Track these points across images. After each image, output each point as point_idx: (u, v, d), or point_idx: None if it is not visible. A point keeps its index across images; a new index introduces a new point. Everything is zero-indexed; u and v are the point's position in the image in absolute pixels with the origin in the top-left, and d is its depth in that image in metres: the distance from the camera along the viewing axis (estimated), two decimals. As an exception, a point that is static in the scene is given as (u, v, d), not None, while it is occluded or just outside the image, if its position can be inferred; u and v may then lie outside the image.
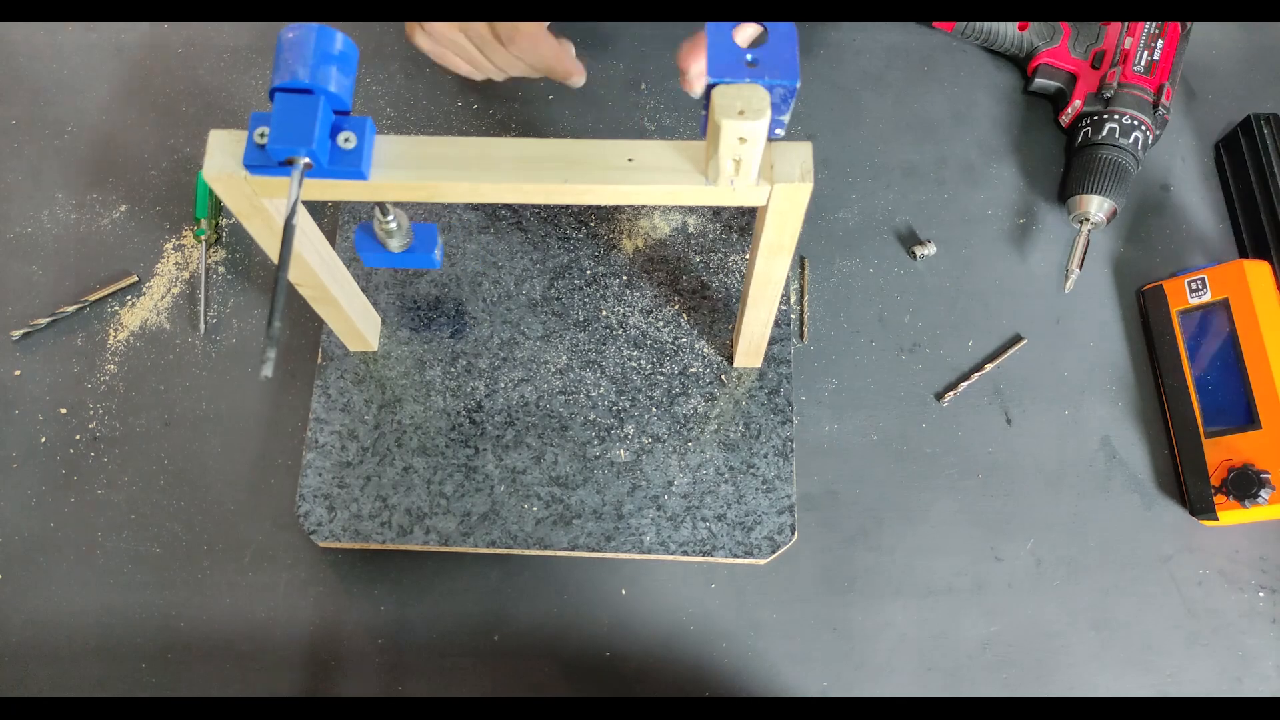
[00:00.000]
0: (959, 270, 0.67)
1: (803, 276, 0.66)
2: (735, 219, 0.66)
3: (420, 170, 0.41)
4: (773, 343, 0.61)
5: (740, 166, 0.40)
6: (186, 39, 0.72)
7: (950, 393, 0.64)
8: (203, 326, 0.63)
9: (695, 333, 0.62)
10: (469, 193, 0.42)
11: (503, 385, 0.61)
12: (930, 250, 0.67)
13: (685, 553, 0.57)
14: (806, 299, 0.66)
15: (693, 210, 0.66)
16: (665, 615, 0.58)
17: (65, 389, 0.62)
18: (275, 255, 0.47)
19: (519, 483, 0.58)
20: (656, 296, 0.63)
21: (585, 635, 0.58)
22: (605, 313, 0.63)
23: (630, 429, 0.60)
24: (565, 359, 0.61)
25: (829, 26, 0.75)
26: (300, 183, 0.39)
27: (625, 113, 0.70)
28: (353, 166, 0.40)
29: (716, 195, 0.42)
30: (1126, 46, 0.68)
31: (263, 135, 0.39)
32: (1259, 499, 0.56)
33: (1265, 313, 0.60)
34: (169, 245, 0.66)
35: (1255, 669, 0.59)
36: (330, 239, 0.65)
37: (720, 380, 0.61)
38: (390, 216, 0.51)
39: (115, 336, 0.63)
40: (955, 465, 0.62)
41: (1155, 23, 0.69)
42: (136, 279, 0.64)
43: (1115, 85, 0.67)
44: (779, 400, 0.61)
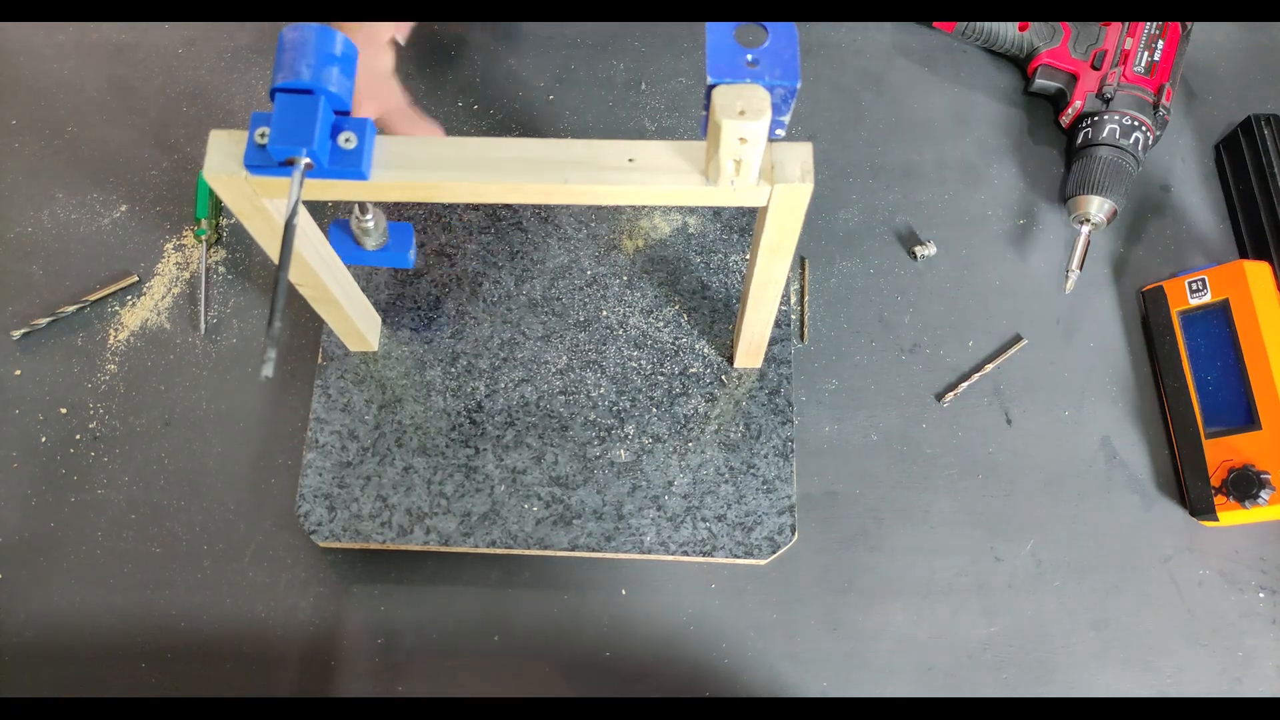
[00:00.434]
0: (959, 271, 0.67)
1: (803, 277, 0.66)
2: (736, 219, 0.66)
3: (420, 171, 0.41)
4: (773, 343, 0.61)
5: (741, 167, 0.40)
6: (186, 39, 0.72)
7: (950, 393, 0.64)
8: (203, 326, 0.63)
9: (695, 333, 0.62)
10: (469, 193, 0.42)
11: (503, 385, 0.61)
12: (930, 251, 0.67)
13: (685, 553, 0.57)
14: (806, 299, 0.66)
15: (693, 211, 0.66)
16: (665, 615, 0.58)
17: (65, 389, 0.62)
18: (275, 255, 0.47)
19: (519, 483, 0.58)
20: (657, 297, 0.63)
21: (585, 635, 0.58)
22: (605, 313, 0.63)
23: (630, 429, 0.60)
24: (565, 359, 0.61)
25: (829, 26, 0.75)
26: (301, 183, 0.39)
27: (625, 113, 0.70)
28: (353, 167, 0.40)
29: (717, 195, 0.42)
30: (1127, 47, 0.68)
31: (263, 135, 0.39)
32: (1259, 499, 0.56)
33: (1265, 313, 0.60)
34: (169, 245, 0.66)
35: (1255, 669, 0.59)
36: None
37: (720, 380, 0.61)
38: (369, 215, 0.50)
39: (115, 336, 0.63)
40: (955, 465, 0.62)
41: (1155, 23, 0.69)
42: (137, 279, 0.64)
43: (1115, 86, 0.67)
44: (779, 400, 0.61)
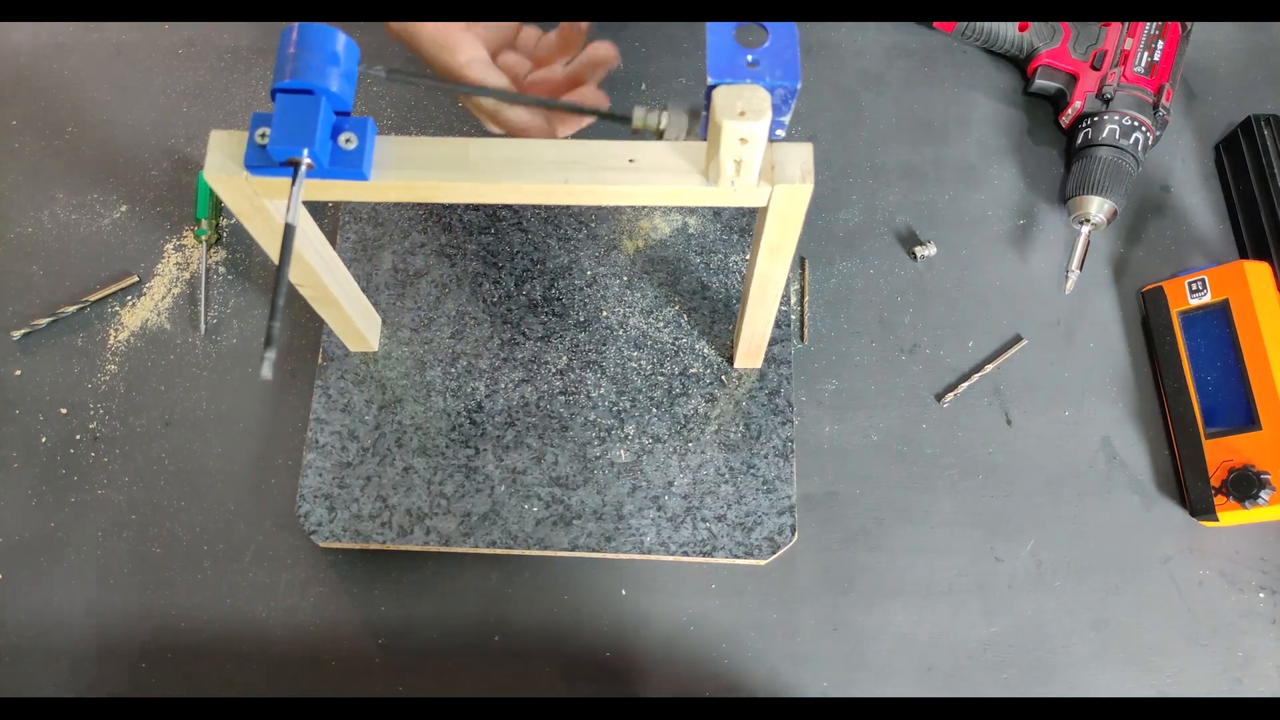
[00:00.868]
0: (959, 271, 0.67)
1: (803, 277, 0.66)
2: (736, 219, 0.66)
3: (421, 171, 0.41)
4: (773, 343, 0.61)
5: (741, 167, 0.40)
6: (186, 39, 0.72)
7: (950, 393, 0.64)
8: (203, 327, 0.63)
9: (695, 333, 0.62)
10: (470, 193, 0.42)
11: (503, 386, 0.61)
12: (930, 251, 0.67)
13: (685, 553, 0.57)
14: (806, 299, 0.66)
15: (693, 211, 0.66)
16: (665, 615, 0.58)
17: (65, 389, 0.62)
18: (276, 255, 0.47)
19: (519, 483, 0.58)
20: (657, 297, 0.63)
21: (585, 635, 0.58)
22: (606, 313, 0.63)
23: (630, 429, 0.60)
24: (566, 359, 0.62)
25: (829, 26, 0.75)
26: (301, 183, 0.39)
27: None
28: (354, 167, 0.40)
29: (717, 196, 0.42)
30: (1126, 47, 0.68)
31: (264, 135, 0.39)
32: (1259, 500, 0.56)
33: (1265, 314, 0.60)
34: (169, 245, 0.66)
35: (1255, 669, 0.59)
36: (331, 239, 0.65)
37: (720, 381, 0.61)
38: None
39: (116, 336, 0.63)
40: (955, 466, 0.62)
41: (1155, 23, 0.69)
42: (137, 279, 0.64)
43: (1115, 86, 0.67)
44: (779, 401, 0.61)
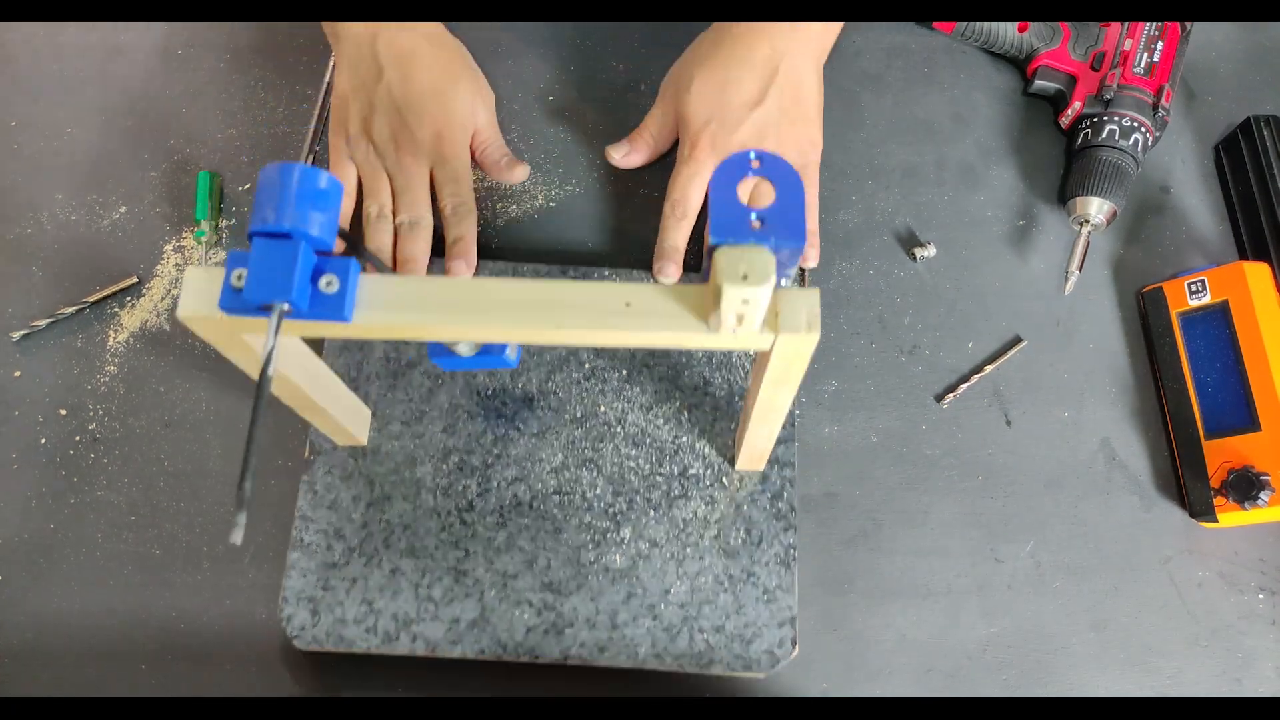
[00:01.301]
0: (959, 272, 0.67)
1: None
2: None
3: (407, 313, 0.39)
4: (776, 444, 0.59)
5: (744, 320, 0.38)
6: (186, 39, 0.72)
7: (950, 394, 0.64)
8: (203, 327, 0.63)
9: (696, 431, 0.60)
10: (458, 334, 0.40)
11: (495, 484, 0.59)
12: (930, 252, 0.67)
13: (681, 666, 0.54)
14: (806, 300, 0.66)
15: None
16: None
17: (65, 390, 0.62)
18: (257, 375, 0.43)
19: (510, 588, 0.56)
20: (657, 392, 0.61)
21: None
22: (603, 408, 0.61)
23: (627, 533, 0.58)
24: (561, 457, 0.59)
25: (829, 27, 0.74)
26: (278, 332, 0.36)
27: (625, 113, 0.70)
28: (334, 311, 0.38)
29: (718, 341, 0.40)
30: (1126, 48, 0.68)
31: (240, 278, 0.37)
32: (1259, 501, 0.56)
33: (1265, 315, 0.60)
34: (169, 246, 0.66)
35: (1255, 670, 0.59)
36: (317, 347, 0.62)
37: (721, 482, 0.59)
38: None
39: (115, 338, 0.63)
40: (955, 467, 0.62)
41: (1155, 24, 0.69)
42: (136, 280, 0.64)
43: (1115, 87, 0.67)
44: (781, 505, 0.58)
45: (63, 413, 0.61)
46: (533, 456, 0.59)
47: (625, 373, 0.62)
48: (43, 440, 0.60)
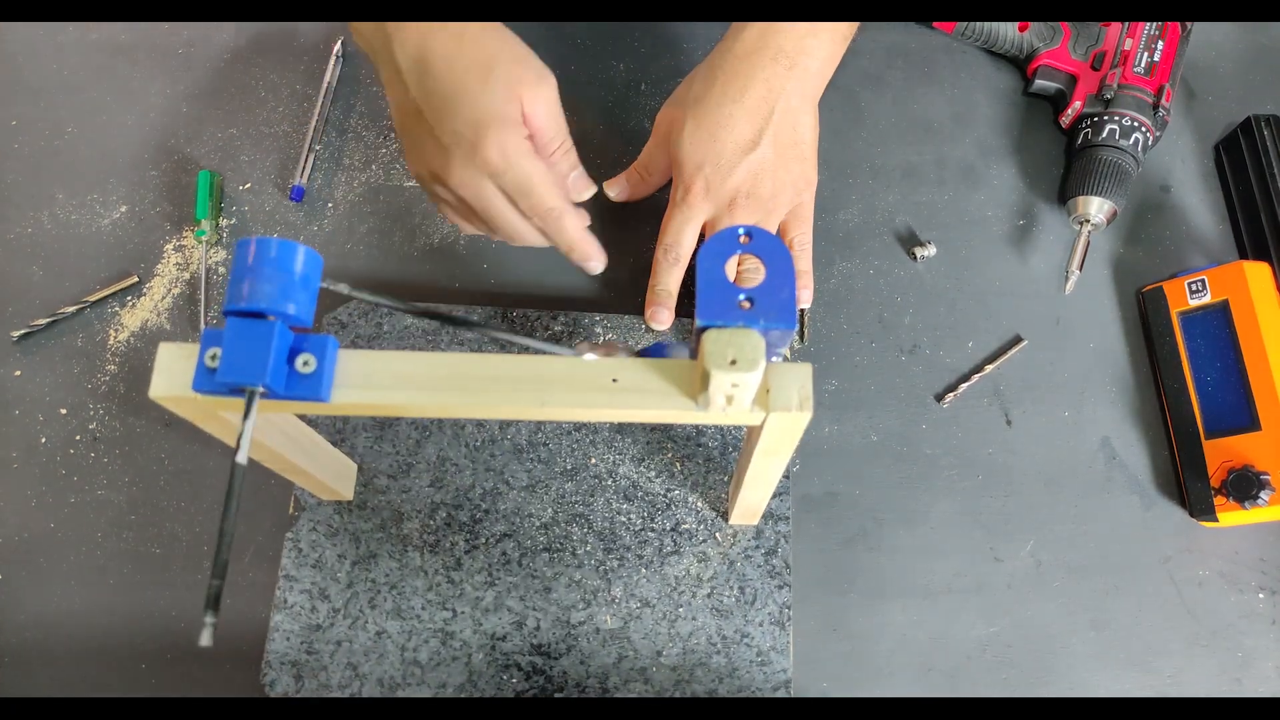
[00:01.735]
0: (959, 271, 0.67)
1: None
2: None
3: (386, 391, 0.38)
4: (770, 499, 0.57)
5: (733, 400, 0.37)
6: (186, 39, 0.72)
7: (950, 394, 0.64)
8: (203, 327, 0.63)
9: (689, 484, 0.59)
10: (441, 413, 0.39)
11: (484, 541, 0.57)
12: (930, 251, 0.67)
13: None
14: (807, 300, 0.66)
15: None
16: (665, 616, 0.58)
17: (65, 389, 0.62)
18: (234, 443, 0.40)
19: (498, 650, 0.55)
20: (649, 443, 0.60)
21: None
22: (594, 460, 0.59)
23: (618, 591, 0.56)
24: (551, 512, 0.58)
25: (829, 27, 0.74)
26: (252, 418, 0.35)
27: (625, 114, 0.70)
28: (312, 391, 0.37)
29: (707, 417, 0.39)
30: (1126, 48, 0.68)
31: (214, 358, 0.36)
32: (1259, 500, 0.56)
33: (1265, 314, 0.60)
34: (169, 246, 0.66)
35: (1255, 670, 0.59)
36: None
37: (714, 538, 0.58)
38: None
39: (115, 337, 0.63)
40: (955, 466, 0.62)
41: (1155, 24, 0.69)
42: (137, 279, 0.64)
43: (1115, 87, 0.67)
44: (776, 562, 0.57)
45: (63, 412, 0.61)
46: (522, 511, 0.58)
47: (616, 424, 0.60)
48: (43, 439, 0.61)
